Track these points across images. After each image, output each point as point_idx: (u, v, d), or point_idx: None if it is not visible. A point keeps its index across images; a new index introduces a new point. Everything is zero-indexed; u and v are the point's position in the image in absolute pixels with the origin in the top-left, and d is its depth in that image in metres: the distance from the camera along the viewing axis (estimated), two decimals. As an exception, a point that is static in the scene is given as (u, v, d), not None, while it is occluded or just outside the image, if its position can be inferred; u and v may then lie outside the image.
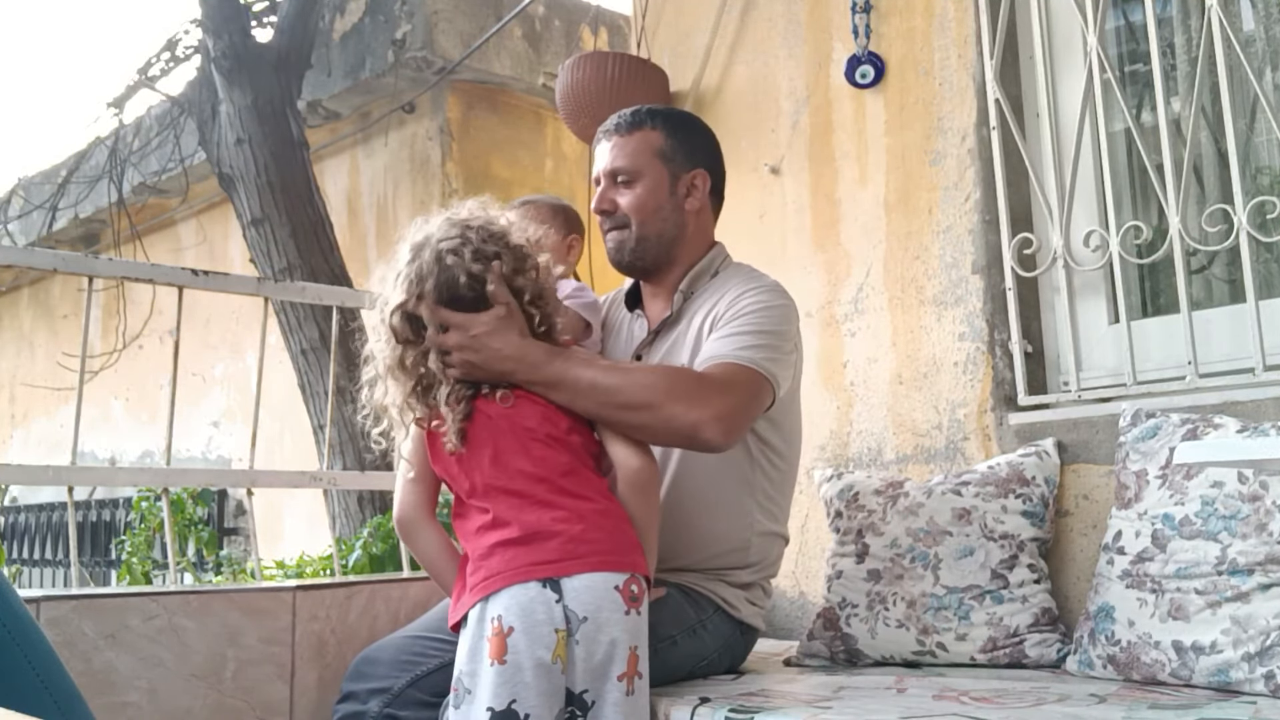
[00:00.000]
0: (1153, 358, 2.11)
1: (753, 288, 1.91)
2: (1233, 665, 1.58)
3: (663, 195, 1.97)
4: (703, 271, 2.01)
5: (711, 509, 1.90)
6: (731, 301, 1.89)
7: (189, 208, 6.38)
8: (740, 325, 1.83)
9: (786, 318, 1.89)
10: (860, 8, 2.52)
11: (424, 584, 2.29)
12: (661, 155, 1.98)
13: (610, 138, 2.00)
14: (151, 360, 6.35)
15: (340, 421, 4.14)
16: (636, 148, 1.97)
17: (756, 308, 1.85)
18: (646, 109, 2.02)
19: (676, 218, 1.99)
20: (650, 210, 1.97)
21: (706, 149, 2.05)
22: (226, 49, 4.37)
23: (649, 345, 2.01)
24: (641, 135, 1.98)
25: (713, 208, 2.07)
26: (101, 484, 5.62)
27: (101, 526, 6.65)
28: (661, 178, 1.97)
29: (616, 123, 2.01)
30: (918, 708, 1.55)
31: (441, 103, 5.18)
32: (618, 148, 1.98)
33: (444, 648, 1.91)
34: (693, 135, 2.03)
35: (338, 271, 4.41)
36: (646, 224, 1.97)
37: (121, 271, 2.29)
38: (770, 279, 1.97)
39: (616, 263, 2.03)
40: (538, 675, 1.45)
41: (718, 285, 1.98)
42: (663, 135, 1.98)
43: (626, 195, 1.97)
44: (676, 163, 1.99)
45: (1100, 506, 2.03)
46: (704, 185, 2.02)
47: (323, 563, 3.86)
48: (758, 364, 1.76)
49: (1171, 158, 2.07)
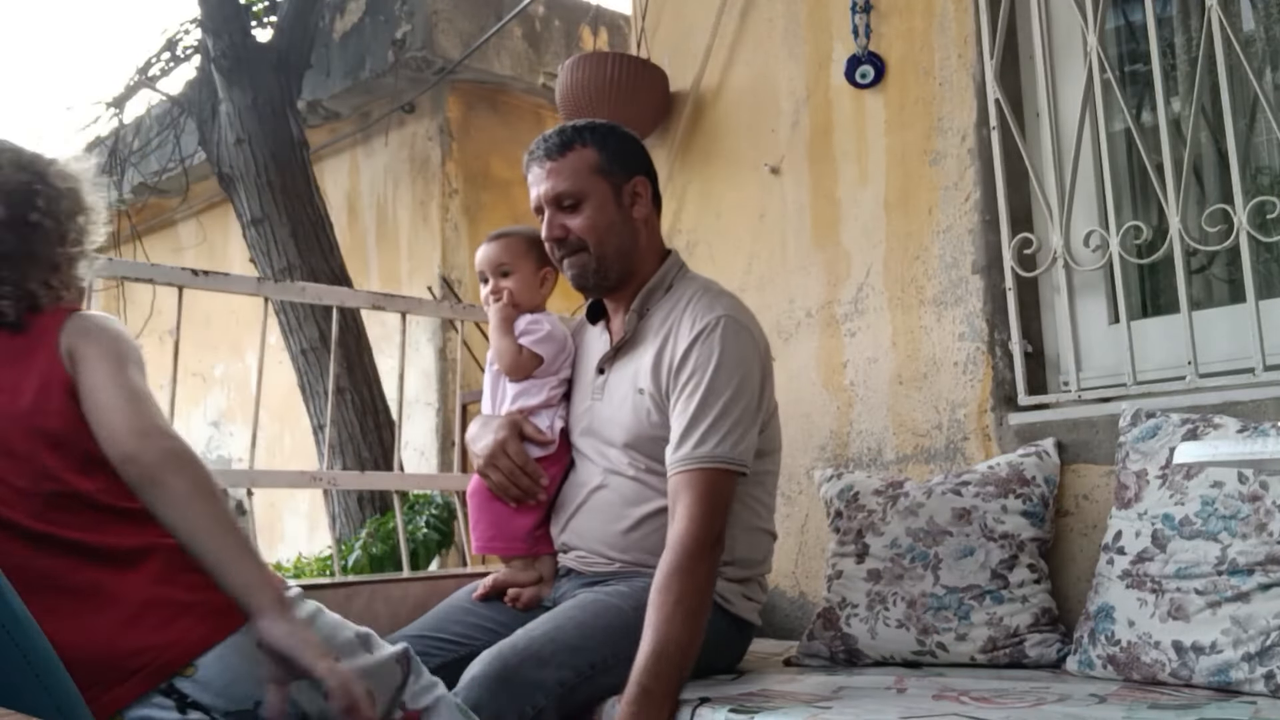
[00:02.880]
0: (1153, 358, 2.11)
1: (706, 331, 1.86)
2: (1233, 665, 1.58)
3: (612, 211, 1.94)
4: (655, 287, 1.99)
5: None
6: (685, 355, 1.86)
7: (189, 208, 6.39)
8: (696, 406, 1.81)
9: (741, 368, 1.85)
10: (860, 8, 2.52)
11: (424, 584, 2.30)
12: (600, 171, 1.94)
13: (543, 163, 1.94)
14: (151, 360, 6.32)
15: (340, 421, 4.14)
16: (574, 168, 1.92)
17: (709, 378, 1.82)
18: (572, 127, 1.97)
19: (629, 229, 1.96)
20: (604, 229, 1.93)
21: (639, 155, 2.02)
22: (226, 49, 4.37)
23: (610, 360, 2.00)
24: (575, 155, 1.93)
25: (658, 211, 2.05)
26: (101, 484, 5.62)
27: (101, 526, 6.64)
28: (606, 193, 1.94)
29: (546, 147, 1.95)
30: (918, 708, 1.55)
31: (441, 103, 5.18)
32: (555, 172, 1.93)
33: (445, 647, 1.91)
34: (624, 144, 2.00)
35: (338, 271, 4.41)
36: (604, 243, 1.94)
37: (121, 271, 2.29)
38: (723, 306, 1.91)
39: (581, 288, 2.00)
40: None
41: (672, 302, 1.96)
42: (596, 150, 1.94)
43: (576, 219, 1.93)
44: (616, 175, 1.95)
45: (1100, 506, 2.03)
46: (646, 192, 1.99)
47: (321, 563, 3.86)
48: (719, 460, 1.78)
49: (1171, 158, 2.06)
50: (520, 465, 1.96)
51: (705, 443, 1.79)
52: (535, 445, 2.00)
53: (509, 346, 2.03)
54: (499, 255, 2.08)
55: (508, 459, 1.95)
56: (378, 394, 4.30)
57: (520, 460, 1.96)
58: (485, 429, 2.02)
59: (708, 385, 1.83)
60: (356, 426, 4.18)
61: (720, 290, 1.99)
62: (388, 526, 3.51)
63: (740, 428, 1.81)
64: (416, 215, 5.24)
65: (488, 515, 2.01)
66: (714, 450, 1.79)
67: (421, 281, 5.10)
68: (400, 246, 5.33)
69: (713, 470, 1.78)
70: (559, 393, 2.07)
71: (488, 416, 2.06)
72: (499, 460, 1.96)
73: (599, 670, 1.74)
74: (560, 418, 2.05)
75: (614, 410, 1.96)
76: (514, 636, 1.75)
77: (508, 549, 2.01)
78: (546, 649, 1.69)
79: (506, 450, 1.96)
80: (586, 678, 1.72)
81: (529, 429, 2.00)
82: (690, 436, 1.80)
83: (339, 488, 3.50)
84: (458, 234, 5.12)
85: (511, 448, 1.96)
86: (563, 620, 1.78)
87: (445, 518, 3.59)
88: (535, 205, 1.98)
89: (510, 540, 2.01)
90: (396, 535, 2.94)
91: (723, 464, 1.79)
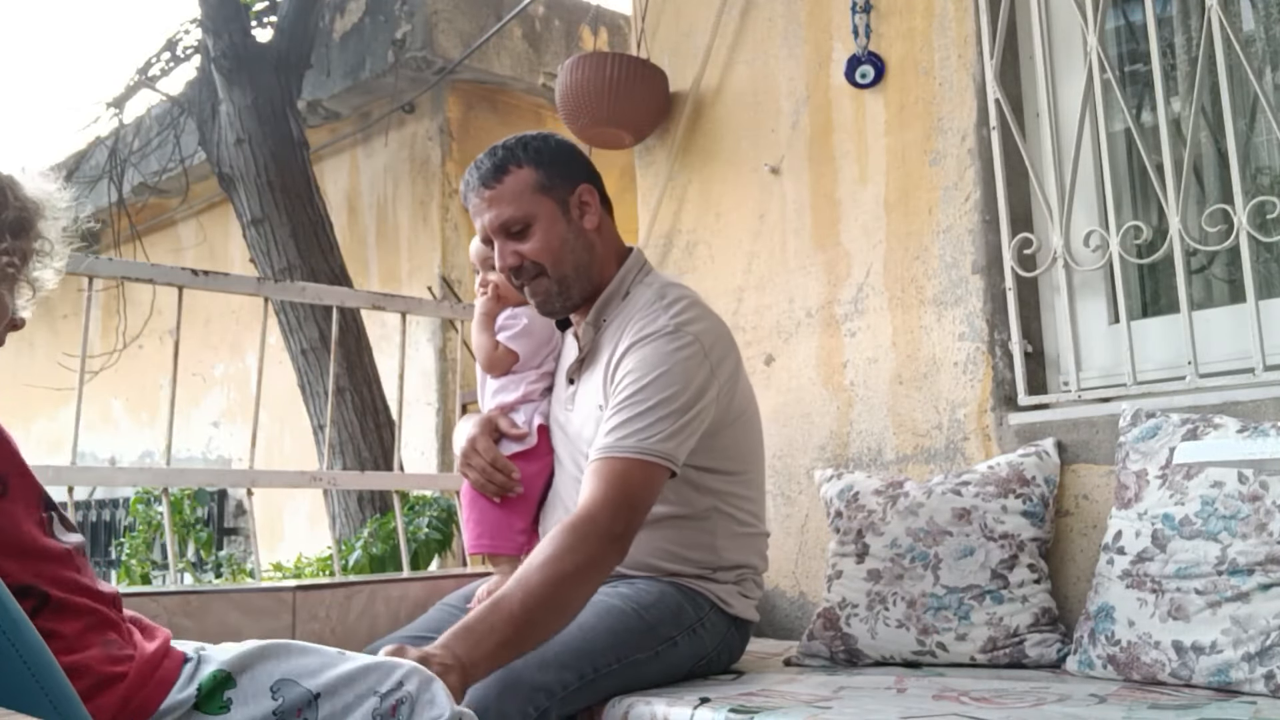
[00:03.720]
0: (1153, 358, 2.11)
1: (646, 337, 1.81)
2: (1233, 665, 1.58)
3: (563, 228, 1.88)
4: (611, 296, 1.93)
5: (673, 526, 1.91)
6: (624, 356, 1.81)
7: (189, 208, 6.39)
8: (628, 402, 1.75)
9: (685, 374, 1.78)
10: (860, 8, 2.52)
11: (424, 584, 2.30)
12: (542, 188, 1.87)
13: (480, 192, 1.87)
14: (151, 360, 6.35)
15: (340, 421, 4.14)
16: (515, 191, 1.85)
17: (646, 374, 1.76)
18: (504, 147, 1.89)
19: (583, 242, 1.90)
20: (558, 248, 1.87)
21: (578, 161, 1.94)
22: (226, 49, 4.37)
23: (578, 372, 1.98)
24: (513, 178, 1.86)
25: (609, 212, 1.99)
26: (101, 484, 5.62)
27: (101, 526, 6.66)
28: (552, 211, 1.87)
29: (480, 175, 1.88)
30: (918, 708, 1.55)
31: (441, 103, 5.18)
32: (495, 200, 1.86)
33: (444, 648, 1.91)
34: (560, 154, 1.91)
35: (338, 271, 4.41)
36: (561, 263, 1.88)
37: (121, 271, 2.29)
38: (674, 310, 1.84)
39: (549, 313, 1.96)
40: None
41: (628, 309, 1.92)
42: (533, 168, 1.86)
43: (527, 243, 1.86)
44: (559, 189, 1.88)
45: (1100, 506, 2.03)
46: (594, 199, 1.92)
47: (321, 563, 3.86)
48: (632, 450, 1.71)
49: (1171, 158, 2.06)
50: (489, 462, 1.95)
51: (625, 434, 1.72)
52: (512, 441, 2.00)
53: (485, 342, 2.04)
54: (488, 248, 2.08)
55: (478, 456, 1.95)
56: (378, 394, 4.30)
57: (489, 457, 1.95)
58: (464, 427, 2.03)
59: (635, 384, 1.77)
60: (356, 426, 4.18)
61: (676, 297, 1.89)
62: (388, 526, 3.51)
63: (666, 424, 1.74)
64: (416, 215, 5.24)
65: (475, 514, 2.01)
66: (631, 442, 1.72)
67: (421, 281, 5.10)
68: (400, 246, 5.33)
69: (626, 459, 1.71)
70: (538, 388, 2.06)
71: (469, 415, 2.07)
72: (471, 459, 1.95)
73: (602, 672, 1.74)
74: (541, 414, 2.04)
75: (582, 423, 1.94)
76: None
77: (495, 547, 2.01)
78: (550, 651, 1.69)
79: (477, 448, 1.95)
80: (589, 680, 1.72)
81: (503, 424, 2.00)
82: (611, 431, 1.74)
83: (339, 488, 3.50)
84: (458, 234, 5.12)
85: (480, 444, 1.95)
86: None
87: (445, 518, 3.59)
88: (482, 237, 1.92)
89: (498, 539, 2.00)
90: (396, 535, 2.94)
91: (637, 454, 1.71)
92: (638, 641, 1.79)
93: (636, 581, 1.89)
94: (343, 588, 2.17)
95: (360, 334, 4.35)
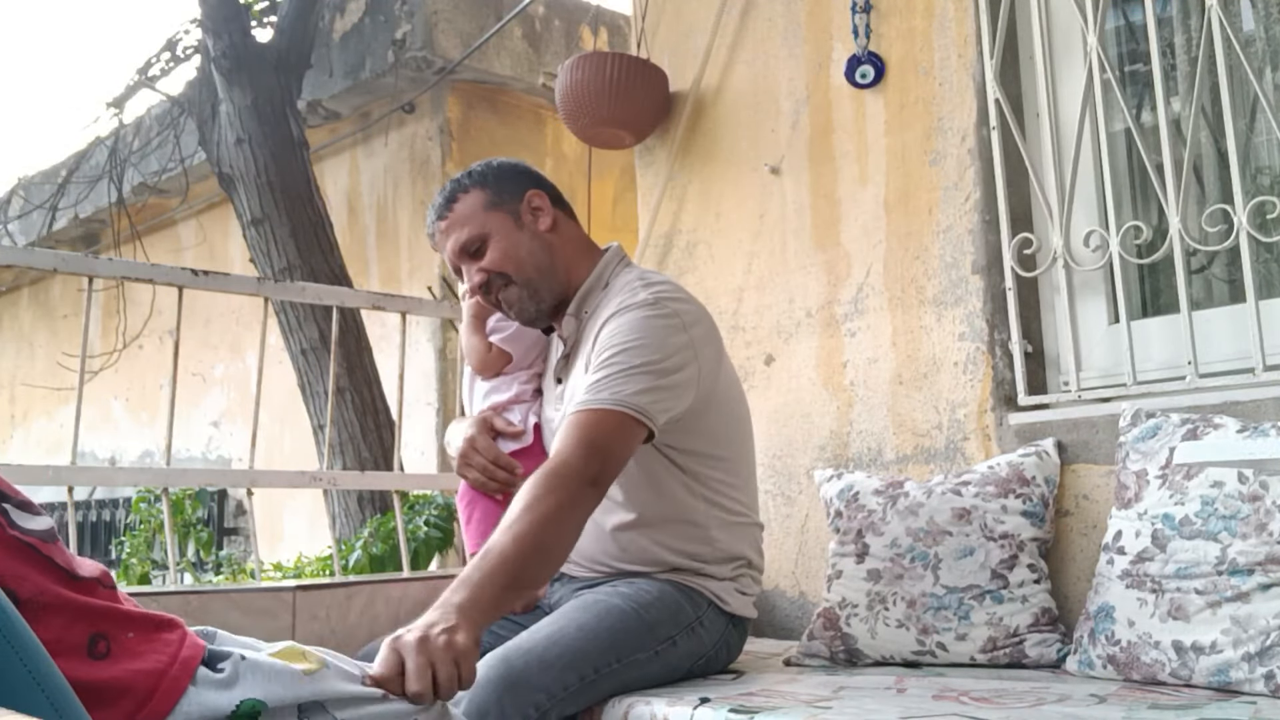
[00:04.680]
0: (1153, 358, 2.11)
1: (625, 308, 1.85)
2: (1233, 665, 1.58)
3: (516, 235, 1.94)
4: (592, 288, 1.98)
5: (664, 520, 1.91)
6: (602, 329, 1.85)
7: (189, 208, 6.39)
8: (604, 364, 1.77)
9: (663, 339, 1.81)
10: (860, 8, 2.52)
11: (424, 584, 2.30)
12: (490, 204, 1.95)
13: (437, 225, 1.97)
14: (151, 360, 6.35)
15: (340, 421, 4.14)
16: (466, 214, 1.94)
17: (624, 338, 1.79)
18: (453, 180, 1.99)
19: (540, 244, 1.96)
20: (514, 255, 1.94)
21: (523, 174, 2.02)
22: (226, 49, 4.37)
23: (565, 369, 2.00)
24: (461, 203, 1.95)
25: (568, 213, 2.03)
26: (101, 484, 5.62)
27: (101, 526, 6.66)
28: (504, 222, 1.95)
29: (436, 209, 1.98)
30: (918, 708, 1.55)
31: (441, 103, 5.18)
32: (451, 226, 1.95)
33: (444, 648, 1.91)
34: (504, 171, 2.00)
35: (338, 271, 4.41)
36: (523, 268, 1.94)
37: (121, 271, 2.29)
38: (654, 288, 1.88)
39: (528, 322, 2.01)
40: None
41: (609, 298, 1.95)
42: (479, 189, 1.95)
43: (486, 258, 1.94)
44: (507, 202, 1.96)
45: (1100, 506, 2.03)
46: (544, 202, 1.98)
47: (321, 563, 3.86)
48: (604, 403, 1.71)
49: (1171, 158, 2.06)
50: (492, 460, 1.95)
51: (599, 390, 1.73)
52: (508, 439, 2.01)
53: (478, 344, 2.05)
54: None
55: (478, 455, 1.95)
56: (378, 394, 4.30)
57: (491, 455, 1.95)
58: (457, 429, 2.04)
59: (612, 349, 1.79)
60: (356, 426, 4.18)
61: (658, 280, 1.94)
62: (388, 526, 3.51)
63: (641, 381, 1.74)
64: (416, 215, 5.24)
65: (477, 514, 2.01)
66: (605, 395, 1.72)
67: (421, 281, 5.10)
68: (400, 246, 5.33)
69: (598, 410, 1.71)
70: (530, 387, 2.07)
71: (462, 417, 2.08)
72: (471, 458, 1.96)
73: (602, 672, 1.74)
74: (535, 413, 2.05)
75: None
76: (517, 639, 1.75)
77: None
78: (550, 652, 1.69)
79: (476, 447, 1.96)
80: (590, 680, 1.72)
81: (499, 423, 2.01)
82: (586, 390, 1.75)
83: (339, 488, 3.50)
84: (458, 234, 5.12)
85: (480, 443, 1.96)
86: (565, 622, 1.78)
87: (445, 517, 3.59)
88: (453, 267, 2.00)
89: None
90: (396, 535, 2.94)
91: (611, 405, 1.71)
92: (637, 641, 1.79)
93: (635, 580, 1.89)
94: (343, 588, 2.17)
95: (360, 334, 4.35)
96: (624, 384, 1.73)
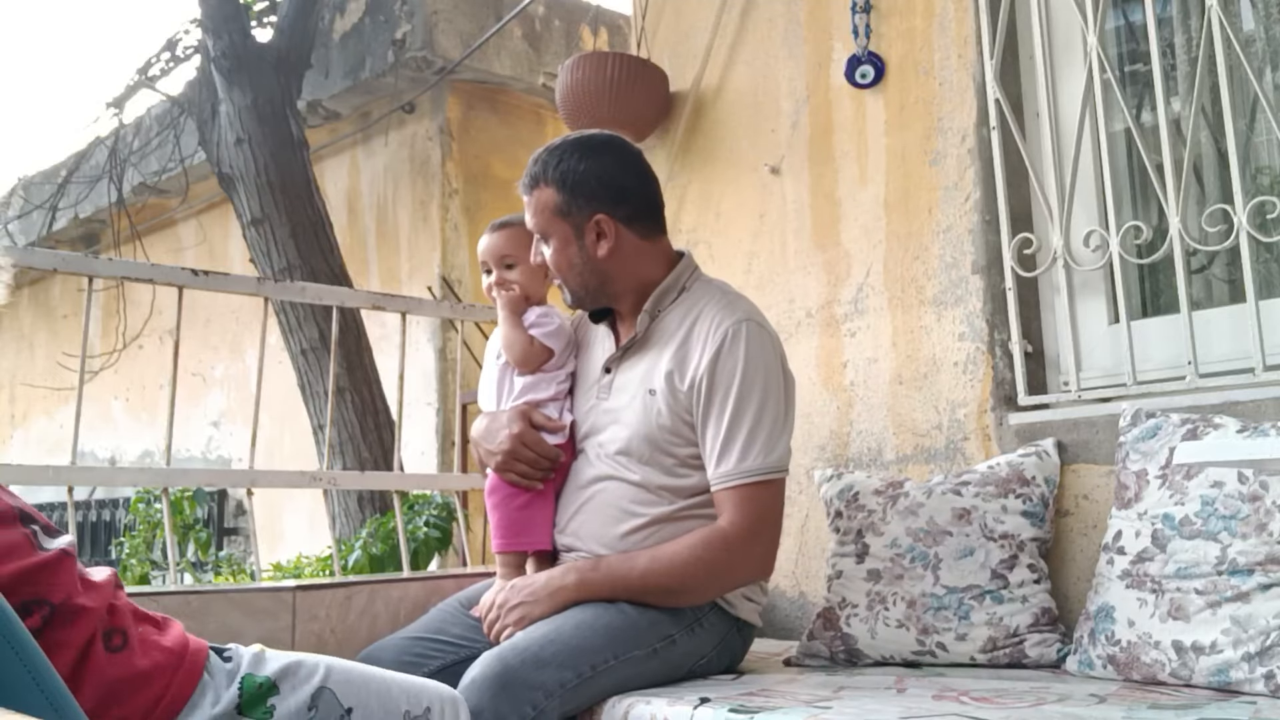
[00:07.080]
0: (1153, 358, 2.11)
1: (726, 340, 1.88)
2: (1233, 665, 1.58)
3: (572, 252, 1.96)
4: (667, 290, 1.99)
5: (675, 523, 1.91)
6: (712, 367, 1.87)
7: (189, 208, 6.39)
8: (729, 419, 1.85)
9: (766, 372, 1.88)
10: (860, 8, 2.52)
11: (424, 584, 2.29)
12: (559, 212, 1.95)
13: (523, 194, 2.01)
14: (151, 360, 6.35)
15: (340, 421, 4.14)
16: (539, 206, 1.96)
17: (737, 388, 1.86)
18: (540, 161, 1.98)
19: (592, 267, 1.96)
20: (564, 268, 1.97)
21: (604, 187, 1.95)
22: (226, 49, 4.38)
23: (618, 361, 2.00)
24: (539, 194, 1.96)
25: (642, 232, 1.98)
26: (101, 484, 5.62)
27: (101, 526, 6.66)
28: (565, 234, 1.95)
29: (525, 178, 2.00)
30: (918, 708, 1.55)
31: (441, 103, 5.18)
32: (529, 207, 1.99)
33: (444, 649, 1.91)
34: (586, 179, 1.94)
35: (338, 271, 4.41)
36: (568, 279, 1.99)
37: (121, 271, 2.29)
38: (742, 310, 1.93)
39: (576, 307, 2.07)
40: None
41: (686, 306, 1.96)
42: (555, 190, 1.94)
43: (546, 253, 1.99)
44: (574, 215, 1.94)
45: (1100, 506, 2.03)
46: (610, 228, 1.94)
47: (321, 563, 3.86)
48: (756, 473, 1.85)
49: (1171, 158, 2.06)
50: (541, 454, 1.96)
51: (746, 457, 1.84)
52: (547, 433, 1.99)
53: (520, 338, 2.01)
54: (502, 246, 2.08)
55: (528, 450, 1.95)
56: (378, 394, 4.30)
57: (541, 450, 1.96)
58: (495, 424, 1.99)
59: (737, 395, 1.85)
60: (356, 426, 4.18)
61: (737, 294, 2.00)
62: (387, 526, 3.51)
63: (774, 434, 1.86)
64: (416, 215, 5.24)
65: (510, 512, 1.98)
66: (752, 464, 1.84)
67: (421, 281, 5.10)
68: (400, 246, 5.33)
69: (755, 485, 1.84)
70: (565, 387, 2.06)
71: (494, 412, 2.03)
72: (521, 453, 1.95)
73: (599, 670, 1.74)
74: (568, 410, 2.04)
75: (621, 410, 1.95)
76: (514, 638, 1.75)
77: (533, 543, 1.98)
78: (547, 650, 1.69)
79: (525, 442, 1.95)
80: (587, 678, 1.72)
81: (538, 417, 1.99)
82: (730, 452, 1.85)
83: (339, 488, 3.50)
84: (458, 234, 5.12)
85: (529, 438, 1.95)
86: (562, 620, 1.78)
87: (445, 518, 3.59)
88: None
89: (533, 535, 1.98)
90: (396, 535, 2.94)
91: (760, 476, 1.84)
92: (635, 638, 1.79)
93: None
94: (343, 588, 2.17)
95: (360, 334, 4.35)
96: (767, 445, 1.86)
